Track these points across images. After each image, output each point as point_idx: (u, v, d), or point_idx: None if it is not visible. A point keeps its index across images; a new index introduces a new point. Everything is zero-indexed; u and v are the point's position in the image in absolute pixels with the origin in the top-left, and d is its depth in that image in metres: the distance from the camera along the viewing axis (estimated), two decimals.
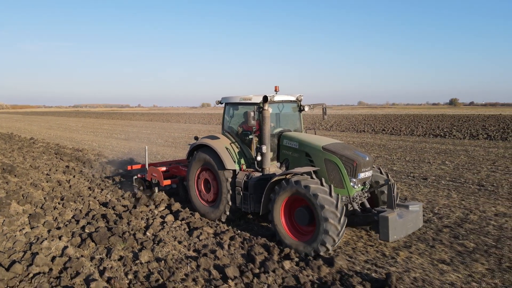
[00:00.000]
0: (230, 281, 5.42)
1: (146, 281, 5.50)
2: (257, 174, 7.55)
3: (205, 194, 8.56)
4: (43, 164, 15.65)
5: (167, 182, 9.84)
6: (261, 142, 7.47)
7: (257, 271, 5.74)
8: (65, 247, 6.63)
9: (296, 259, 6.23)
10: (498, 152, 18.61)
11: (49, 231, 7.53)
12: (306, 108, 8.41)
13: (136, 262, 6.12)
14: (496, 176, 12.71)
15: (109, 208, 9.07)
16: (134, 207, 9.12)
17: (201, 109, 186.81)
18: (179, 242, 7.02)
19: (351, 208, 6.87)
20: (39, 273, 5.60)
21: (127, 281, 5.51)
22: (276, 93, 8.02)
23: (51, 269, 5.79)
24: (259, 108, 7.59)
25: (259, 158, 7.55)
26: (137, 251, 6.52)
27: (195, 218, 8.18)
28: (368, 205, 7.19)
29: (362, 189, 7.13)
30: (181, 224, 7.96)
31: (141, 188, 10.44)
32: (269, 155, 7.51)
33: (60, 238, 7.14)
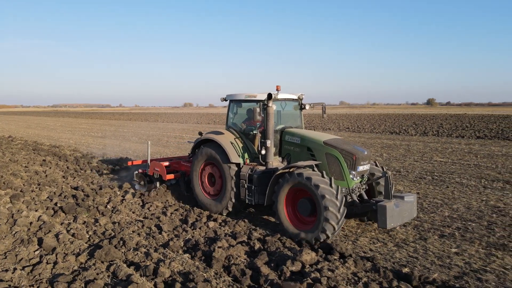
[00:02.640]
0: (164, 233, 7.35)
1: (102, 235, 7.36)
2: (261, 168, 7.96)
3: (209, 187, 8.90)
4: (21, 158, 17.14)
5: (170, 176, 10.08)
6: (265, 137, 7.84)
7: (187, 228, 7.67)
8: (40, 216, 8.40)
9: (220, 221, 8.19)
10: (435, 146, 21.04)
11: (27, 206, 9.25)
12: (307, 107, 8.76)
13: (96, 224, 7.96)
14: (415, 165, 14.99)
15: (79, 190, 10.82)
16: (100, 188, 10.91)
17: (183, 108, 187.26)
18: (133, 212, 8.89)
19: (350, 199, 7.22)
20: (20, 230, 7.38)
21: (88, 236, 7.35)
22: (278, 92, 8.26)
23: (29, 229, 7.58)
24: (264, 105, 7.93)
25: (263, 152, 7.87)
26: (97, 218, 8.34)
27: (149, 197, 9.98)
28: (365, 196, 7.54)
29: (360, 181, 7.51)
30: (137, 200, 9.80)
31: (142, 183, 10.68)
32: (273, 149, 7.91)
33: (36, 210, 8.90)
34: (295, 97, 8.82)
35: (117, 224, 7.97)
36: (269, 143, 7.76)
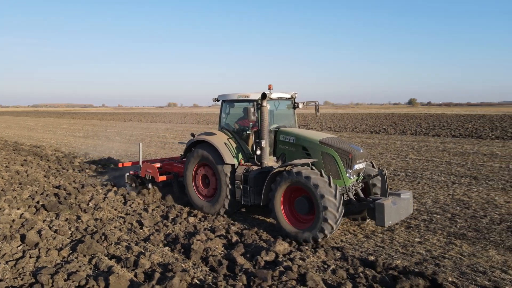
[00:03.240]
0: (145, 228, 7.62)
1: (84, 231, 7.57)
2: (256, 168, 7.91)
3: (203, 189, 8.83)
4: (1, 159, 17.04)
5: (163, 178, 9.97)
6: (260, 137, 7.79)
7: (168, 224, 7.95)
8: (23, 214, 8.53)
9: (200, 216, 8.49)
10: (411, 145, 21.77)
11: (9, 204, 9.35)
12: (300, 106, 8.68)
13: (78, 221, 8.16)
14: (391, 162, 15.58)
15: (61, 189, 10.95)
16: (82, 187, 11.06)
17: (167, 108, 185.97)
18: (115, 209, 9.11)
19: (347, 198, 7.22)
20: (2, 227, 7.52)
21: (70, 232, 7.56)
22: (270, 91, 8.21)
23: (11, 226, 7.73)
24: (258, 104, 7.90)
25: (258, 152, 7.84)
26: (80, 215, 8.53)
27: (129, 195, 10.18)
28: (362, 195, 7.58)
29: (356, 180, 7.53)
30: (119, 198, 10.01)
31: (133, 185, 10.64)
32: (268, 149, 7.87)
33: (18, 208, 9.03)
34: (288, 96, 8.74)
35: (99, 220, 8.18)
36: (264, 143, 7.73)
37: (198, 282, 5.37)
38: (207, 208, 8.61)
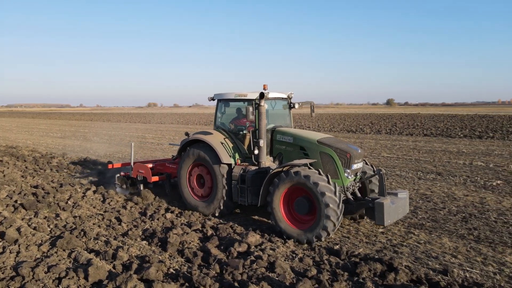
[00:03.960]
0: (123, 224, 7.90)
1: (63, 228, 7.78)
2: (254, 168, 7.89)
3: (198, 189, 8.74)
4: None
5: (155, 178, 9.88)
6: (258, 137, 7.78)
7: (146, 220, 8.25)
8: (1, 212, 8.64)
9: (176, 212, 8.81)
10: (385, 143, 22.60)
11: None
12: (296, 106, 8.65)
13: (57, 219, 8.35)
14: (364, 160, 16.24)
15: (39, 188, 11.04)
16: (61, 186, 11.18)
17: (147, 108, 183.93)
18: (93, 207, 9.32)
19: (345, 197, 7.25)
20: None
21: (49, 229, 7.75)
22: (265, 91, 8.24)
23: None
24: (256, 104, 7.91)
25: (256, 152, 7.82)
26: (58, 213, 8.72)
27: (108, 194, 10.40)
28: (359, 194, 7.65)
29: (354, 180, 7.61)
30: (98, 196, 10.21)
31: (124, 186, 10.47)
32: (265, 149, 7.91)
33: None
34: (285, 96, 8.75)
35: (78, 218, 8.39)
36: (262, 142, 7.73)
37: (174, 272, 5.72)
38: (202, 208, 8.54)
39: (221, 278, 5.47)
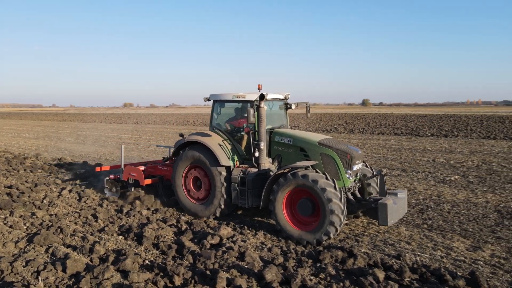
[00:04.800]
0: (100, 221, 8.15)
1: (40, 225, 7.96)
2: (254, 170, 7.82)
3: (195, 192, 8.57)
4: None
5: (148, 181, 9.62)
6: (258, 138, 7.69)
7: (122, 216, 8.51)
8: None
9: (152, 209, 9.10)
10: (356, 142, 23.45)
11: None
12: (293, 106, 8.65)
13: (33, 217, 8.49)
14: None
15: (14, 188, 11.06)
16: (36, 186, 11.24)
17: (123, 109, 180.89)
18: (69, 205, 9.49)
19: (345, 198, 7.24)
20: None
21: (25, 227, 7.90)
22: (259, 91, 8.25)
23: None
24: (255, 105, 7.81)
25: (257, 154, 7.74)
26: (34, 212, 8.84)
27: (84, 192, 10.55)
28: (359, 195, 7.72)
29: (354, 180, 7.70)
30: (73, 195, 10.36)
31: (114, 189, 10.18)
32: (265, 151, 7.86)
33: None
34: (282, 97, 8.73)
35: (54, 216, 8.56)
36: (262, 144, 7.67)
37: (149, 263, 6.06)
38: (200, 211, 8.40)
39: (194, 267, 5.85)
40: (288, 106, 8.81)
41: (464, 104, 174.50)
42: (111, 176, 10.33)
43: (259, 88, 8.17)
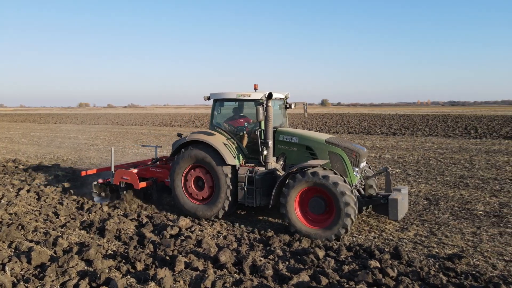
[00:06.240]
0: (61, 217, 8.42)
1: (0, 224, 8.10)
2: (262, 169, 7.84)
3: (197, 192, 8.45)
4: None
5: (142, 184, 9.28)
6: (266, 137, 7.69)
7: (83, 213, 8.81)
8: None
9: (112, 206, 9.44)
10: None
11: None
12: (293, 106, 8.64)
13: None
14: None
15: None
16: None
17: (78, 109, 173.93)
18: (29, 204, 9.60)
19: None
20: None
21: None
22: (255, 91, 8.28)
23: None
24: (262, 104, 7.81)
25: (265, 152, 7.76)
26: None
27: (43, 192, 10.63)
28: (363, 192, 7.86)
29: (359, 178, 7.87)
30: (32, 195, 10.42)
31: (103, 194, 9.79)
32: (272, 150, 7.88)
33: None
34: (283, 96, 8.79)
35: (13, 214, 8.69)
36: (270, 143, 7.71)
37: (112, 253, 6.50)
38: (202, 211, 8.29)
39: (155, 254, 6.37)
40: (288, 105, 8.83)
41: (415, 105, 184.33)
42: (100, 181, 9.84)
43: (255, 88, 8.34)
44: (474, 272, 5.56)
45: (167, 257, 6.21)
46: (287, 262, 6.06)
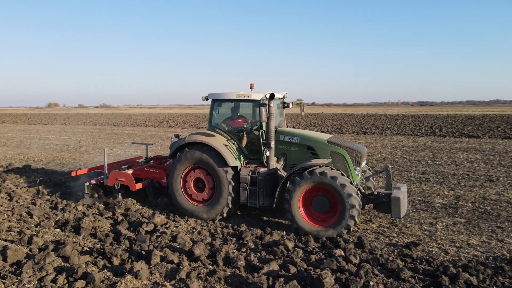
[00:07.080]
0: (35, 217, 8.45)
1: None
2: (263, 169, 7.89)
3: (196, 193, 8.42)
4: None
5: (139, 185, 9.14)
6: (268, 138, 7.76)
7: (57, 213, 8.84)
8: None
9: (86, 205, 9.51)
10: None
11: None
12: (291, 105, 8.58)
13: None
14: None
15: None
16: None
17: (47, 109, 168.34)
18: (0, 205, 9.51)
19: None
20: None
21: None
22: (251, 91, 8.30)
23: None
24: (264, 104, 7.74)
25: (268, 153, 7.81)
26: None
27: (14, 193, 10.51)
28: (363, 190, 7.90)
29: (360, 177, 7.95)
30: (3, 195, 10.28)
31: (96, 195, 9.60)
32: (273, 150, 7.92)
33: None
34: (281, 96, 8.81)
35: None
36: (273, 143, 7.75)
37: (88, 249, 6.66)
38: (203, 213, 8.28)
39: (131, 249, 6.59)
40: (286, 105, 8.75)
41: (386, 105, 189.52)
42: (92, 181, 9.64)
43: (251, 87, 8.38)
44: (428, 258, 6.10)
45: (143, 252, 6.43)
46: (258, 254, 6.42)
